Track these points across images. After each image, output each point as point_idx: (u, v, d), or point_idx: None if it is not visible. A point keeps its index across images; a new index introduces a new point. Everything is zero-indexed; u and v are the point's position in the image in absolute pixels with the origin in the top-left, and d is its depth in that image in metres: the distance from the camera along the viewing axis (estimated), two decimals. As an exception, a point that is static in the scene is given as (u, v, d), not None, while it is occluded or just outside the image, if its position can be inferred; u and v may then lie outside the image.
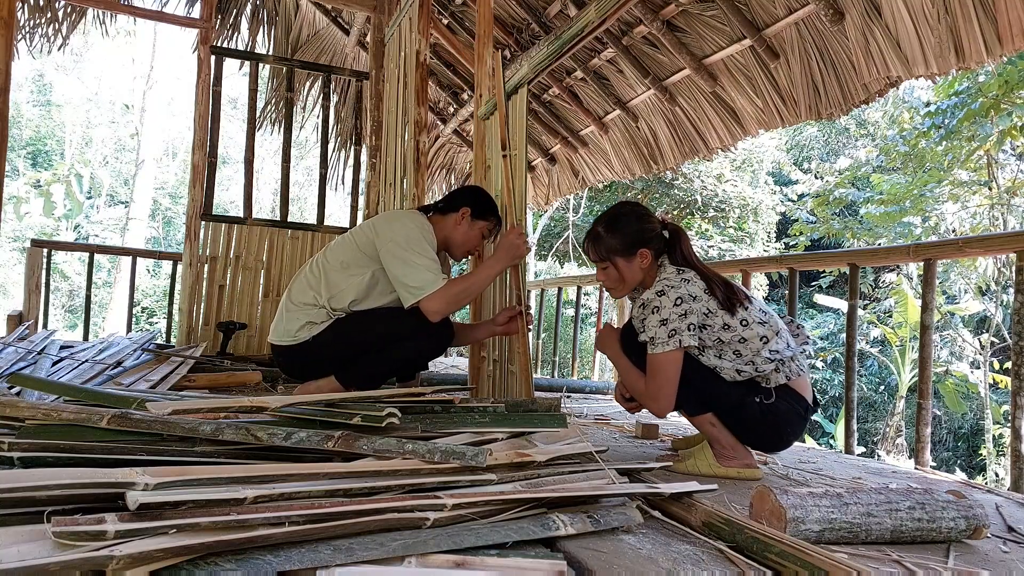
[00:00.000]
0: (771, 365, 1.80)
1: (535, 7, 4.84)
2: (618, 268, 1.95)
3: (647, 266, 1.93)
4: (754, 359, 1.80)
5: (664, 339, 1.77)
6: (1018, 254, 2.20)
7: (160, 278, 16.79)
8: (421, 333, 2.43)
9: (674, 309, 1.78)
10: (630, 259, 1.92)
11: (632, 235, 1.92)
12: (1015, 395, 2.16)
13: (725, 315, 1.80)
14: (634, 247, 1.91)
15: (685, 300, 1.79)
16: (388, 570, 0.93)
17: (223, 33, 5.46)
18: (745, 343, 1.80)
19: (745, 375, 1.81)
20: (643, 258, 1.92)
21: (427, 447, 1.27)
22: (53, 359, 2.93)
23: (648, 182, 11.76)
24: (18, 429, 1.30)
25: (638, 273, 1.94)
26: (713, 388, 1.83)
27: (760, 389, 1.82)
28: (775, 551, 1.08)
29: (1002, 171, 8.66)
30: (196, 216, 4.23)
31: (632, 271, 1.94)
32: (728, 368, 1.82)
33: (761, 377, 1.82)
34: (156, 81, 17.06)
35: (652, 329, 1.80)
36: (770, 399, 1.81)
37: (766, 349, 1.80)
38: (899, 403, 9.46)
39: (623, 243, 1.92)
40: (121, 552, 0.81)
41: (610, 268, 1.96)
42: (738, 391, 1.82)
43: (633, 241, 1.92)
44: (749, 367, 1.81)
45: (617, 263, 1.94)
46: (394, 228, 2.47)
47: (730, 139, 4.31)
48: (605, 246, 1.95)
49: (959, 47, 2.82)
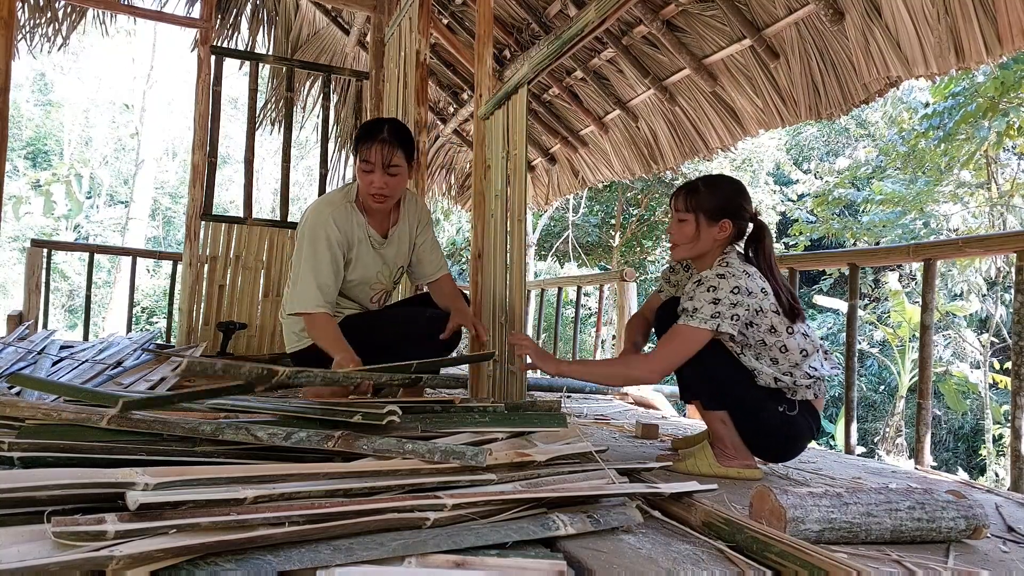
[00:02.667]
0: (808, 380, 1.80)
1: (535, 7, 4.84)
2: (698, 226, 1.90)
3: (723, 239, 1.89)
4: (793, 371, 1.80)
5: (707, 316, 1.75)
6: (1018, 254, 2.20)
7: (160, 278, 16.79)
8: (422, 337, 2.43)
9: (730, 295, 1.76)
10: (712, 223, 1.89)
11: (727, 201, 1.89)
12: (1015, 395, 2.16)
13: (775, 318, 1.80)
14: (721, 214, 1.88)
15: (742, 291, 1.77)
16: (388, 570, 0.93)
17: (223, 33, 5.46)
18: (786, 353, 1.80)
19: (782, 384, 1.81)
20: (723, 229, 1.88)
21: (427, 447, 1.27)
22: (53, 359, 2.93)
23: (648, 182, 11.77)
24: (18, 429, 1.30)
25: (710, 242, 1.90)
26: (738, 387, 1.82)
27: (785, 399, 1.82)
28: (775, 551, 1.08)
29: (1002, 171, 8.66)
30: (196, 216, 4.23)
31: (707, 236, 1.90)
32: (767, 373, 1.81)
33: (790, 390, 1.82)
34: (156, 81, 17.07)
35: (700, 300, 1.77)
36: (793, 411, 1.81)
37: (807, 364, 1.80)
38: (899, 403, 9.46)
39: (715, 204, 1.89)
40: (121, 552, 0.81)
41: (688, 223, 1.91)
42: (762, 396, 1.82)
43: (725, 207, 1.88)
44: (788, 378, 1.80)
45: (699, 221, 1.89)
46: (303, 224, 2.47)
47: (730, 139, 4.31)
48: (697, 200, 1.90)
49: (959, 47, 2.81)
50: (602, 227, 13.48)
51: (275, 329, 4.30)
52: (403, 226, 2.62)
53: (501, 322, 2.74)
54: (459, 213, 11.94)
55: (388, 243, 2.57)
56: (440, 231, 14.03)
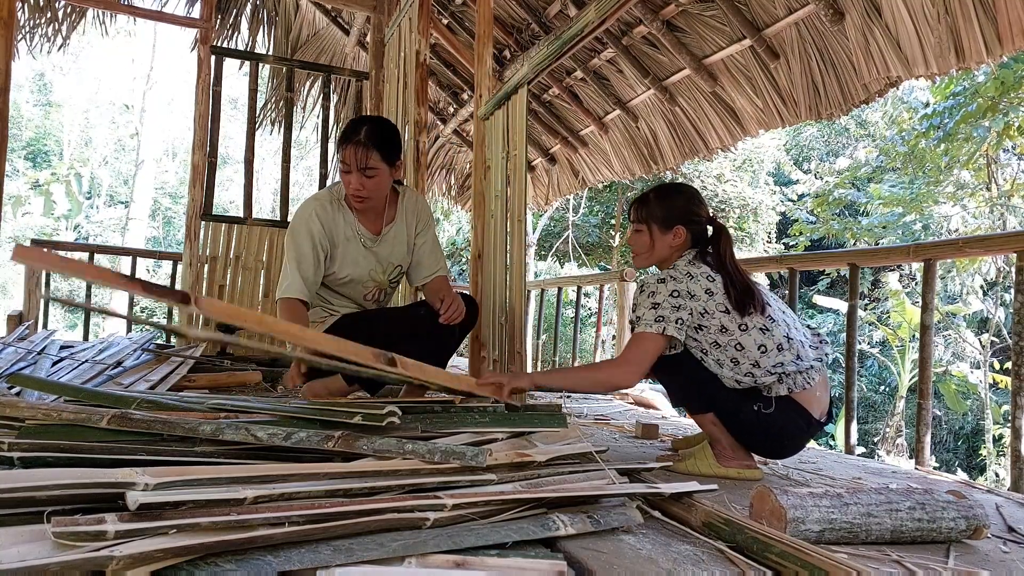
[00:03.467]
0: (772, 377, 1.79)
1: (535, 7, 4.84)
2: (651, 236, 1.96)
3: (678, 245, 1.94)
4: (753, 370, 1.79)
5: (650, 321, 1.80)
6: (1018, 254, 2.20)
7: (160, 278, 16.79)
8: (423, 334, 2.41)
9: (669, 299, 1.81)
10: (665, 232, 1.94)
11: (676, 210, 1.94)
12: (1015, 395, 2.16)
13: (724, 317, 1.80)
14: (673, 222, 1.93)
15: (682, 295, 1.81)
16: (388, 570, 0.93)
17: (223, 33, 5.46)
18: (742, 351, 1.79)
19: (745, 385, 1.81)
20: (677, 236, 1.93)
21: (427, 447, 1.27)
22: (53, 359, 2.93)
23: (648, 182, 11.76)
24: (18, 429, 1.30)
25: (666, 249, 1.95)
26: (714, 391, 1.84)
27: (760, 397, 1.82)
28: (775, 551, 1.08)
29: (1002, 171, 8.66)
30: (196, 216, 4.23)
31: (662, 244, 1.95)
32: (728, 377, 1.82)
33: (762, 387, 1.82)
34: (156, 81, 17.09)
35: (642, 309, 1.83)
36: (768, 408, 1.80)
37: (769, 360, 1.78)
38: (899, 403, 9.46)
39: (665, 214, 1.94)
40: (121, 552, 0.81)
41: (643, 233, 1.97)
42: (736, 396, 1.82)
43: (675, 216, 1.93)
44: (748, 378, 1.80)
45: (652, 230, 1.95)
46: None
47: (730, 139, 4.31)
48: (647, 210, 1.97)
49: (959, 47, 2.82)
50: (602, 227, 13.48)
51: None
52: (399, 225, 2.58)
53: (501, 322, 2.74)
54: (459, 213, 11.94)
55: (381, 241, 2.54)
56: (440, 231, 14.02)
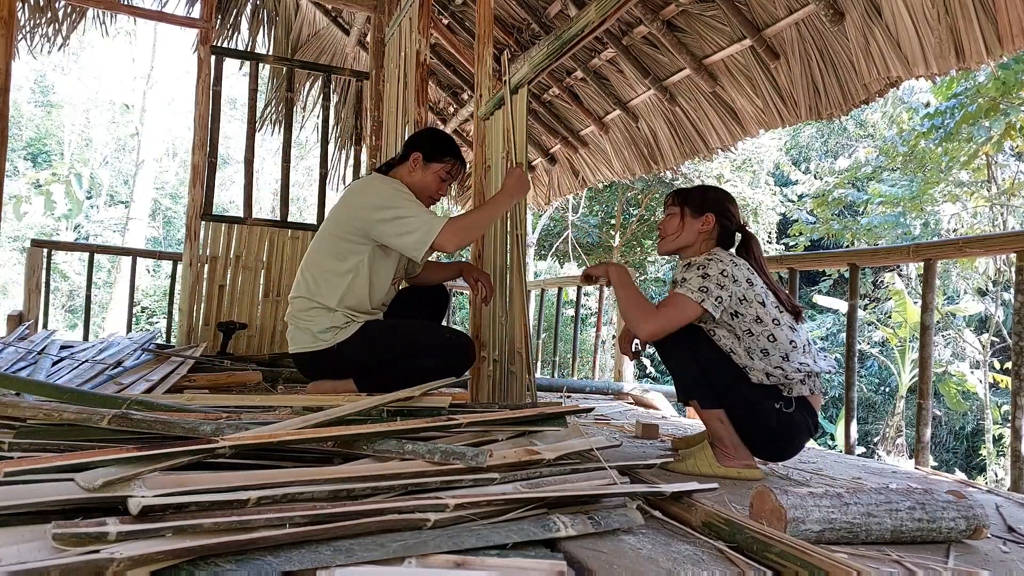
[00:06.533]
0: (799, 375, 1.82)
1: (535, 7, 4.84)
2: (683, 219, 2.03)
3: (706, 232, 2.02)
4: (783, 364, 1.82)
5: (694, 288, 1.85)
6: (1018, 254, 2.20)
7: (160, 278, 16.80)
8: (446, 347, 2.43)
9: (720, 276, 1.86)
10: (696, 217, 2.02)
11: (711, 200, 2.04)
12: (1015, 395, 2.17)
13: (761, 309, 1.85)
14: (705, 208, 2.02)
15: (728, 276, 1.86)
16: (388, 570, 0.93)
17: (223, 33, 5.46)
18: (775, 343, 1.83)
19: (774, 379, 1.83)
20: (706, 223, 2.01)
21: (427, 447, 1.27)
22: (53, 359, 2.93)
23: (648, 182, 11.76)
24: (18, 429, 1.30)
25: (694, 234, 2.03)
26: (734, 385, 1.84)
27: (781, 396, 1.83)
28: (775, 551, 1.08)
29: (1002, 172, 8.66)
30: (196, 216, 4.23)
31: (691, 229, 2.03)
32: (759, 368, 1.83)
33: (784, 386, 1.83)
34: (156, 81, 17.07)
35: (691, 276, 1.88)
36: (790, 408, 1.83)
37: (797, 357, 1.82)
38: (899, 403, 9.46)
39: (700, 200, 2.04)
40: (122, 554, 0.81)
41: (675, 216, 2.05)
42: (759, 393, 1.83)
43: (708, 204, 2.03)
44: (778, 371, 1.82)
45: (685, 214, 2.04)
46: (368, 197, 2.41)
47: (730, 139, 4.31)
48: (686, 195, 2.07)
49: (959, 47, 2.81)
50: (602, 227, 13.48)
51: (275, 329, 4.30)
52: None
53: (501, 322, 2.74)
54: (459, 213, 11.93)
55: None
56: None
